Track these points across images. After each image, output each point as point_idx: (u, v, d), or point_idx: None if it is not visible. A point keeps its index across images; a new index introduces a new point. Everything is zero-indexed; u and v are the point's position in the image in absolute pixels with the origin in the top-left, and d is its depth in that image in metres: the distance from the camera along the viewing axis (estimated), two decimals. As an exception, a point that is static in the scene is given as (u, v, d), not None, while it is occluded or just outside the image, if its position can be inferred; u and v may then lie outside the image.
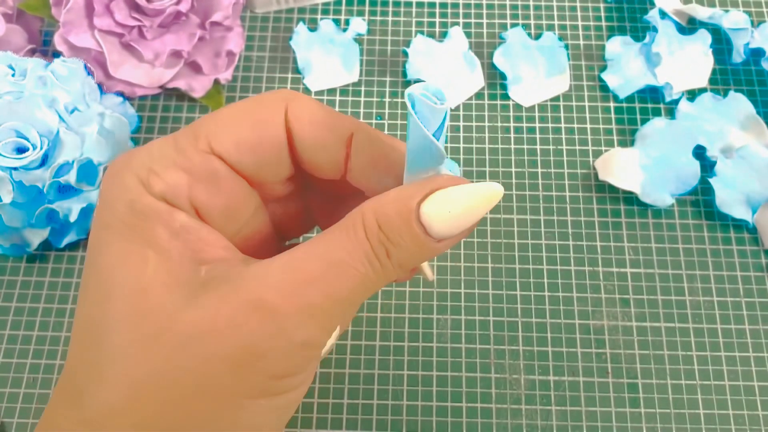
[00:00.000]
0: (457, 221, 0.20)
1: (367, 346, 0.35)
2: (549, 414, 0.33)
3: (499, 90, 0.41)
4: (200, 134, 0.21)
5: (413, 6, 0.44)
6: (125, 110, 0.38)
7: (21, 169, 0.32)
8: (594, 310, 0.36)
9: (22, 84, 0.33)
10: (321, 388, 0.34)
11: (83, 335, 0.20)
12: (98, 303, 0.20)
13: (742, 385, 0.34)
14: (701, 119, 0.39)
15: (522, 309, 0.36)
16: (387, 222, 0.19)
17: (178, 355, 0.19)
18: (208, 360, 0.19)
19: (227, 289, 0.19)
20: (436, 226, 0.19)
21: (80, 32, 0.37)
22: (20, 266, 0.37)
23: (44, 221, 0.34)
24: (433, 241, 0.20)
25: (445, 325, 0.35)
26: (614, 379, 0.34)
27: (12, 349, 0.35)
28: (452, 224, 0.20)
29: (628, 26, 0.43)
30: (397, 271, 0.20)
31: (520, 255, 0.37)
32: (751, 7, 0.43)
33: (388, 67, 0.42)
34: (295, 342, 0.19)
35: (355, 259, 0.19)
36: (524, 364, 0.34)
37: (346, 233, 0.20)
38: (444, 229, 0.19)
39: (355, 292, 0.20)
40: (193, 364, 0.19)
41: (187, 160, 0.21)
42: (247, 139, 0.21)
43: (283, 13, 0.43)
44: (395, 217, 0.19)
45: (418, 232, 0.19)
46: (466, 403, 0.34)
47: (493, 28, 0.43)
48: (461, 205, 0.19)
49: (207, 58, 0.39)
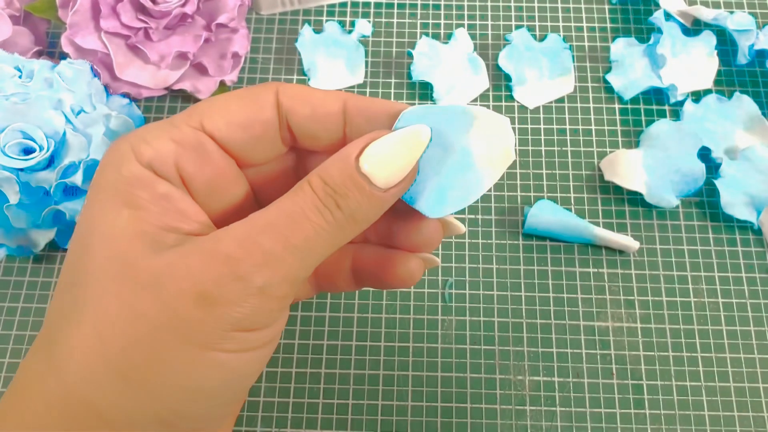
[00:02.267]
0: (393, 165, 0.21)
1: (372, 346, 0.35)
2: (554, 415, 0.33)
3: (504, 91, 0.41)
4: (193, 113, 0.23)
5: (418, 8, 0.44)
6: (131, 112, 0.38)
7: (27, 170, 0.32)
8: (599, 311, 0.36)
9: (28, 86, 0.33)
10: (326, 388, 0.34)
11: (62, 283, 0.21)
12: (76, 251, 0.21)
13: (747, 386, 0.34)
14: (706, 120, 0.39)
15: (526, 310, 0.36)
16: (330, 178, 0.21)
17: (140, 297, 0.19)
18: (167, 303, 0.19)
19: (189, 245, 0.20)
20: (376, 174, 0.21)
21: (86, 34, 0.37)
22: (27, 267, 0.37)
23: (50, 222, 0.34)
24: (379, 190, 0.21)
25: (449, 326, 0.35)
26: (619, 381, 0.34)
27: (19, 350, 0.35)
28: (390, 169, 0.21)
29: (633, 28, 0.43)
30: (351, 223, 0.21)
31: (525, 256, 0.37)
32: (756, 8, 0.43)
33: (393, 68, 0.42)
34: (252, 286, 0.20)
35: (306, 211, 0.21)
36: (529, 366, 0.34)
37: (295, 193, 0.21)
38: (384, 174, 0.21)
39: (310, 240, 0.20)
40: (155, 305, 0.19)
41: (178, 131, 0.22)
42: (238, 117, 0.23)
43: (289, 15, 0.44)
44: (338, 173, 0.21)
45: (362, 182, 0.21)
46: (470, 404, 0.34)
47: (498, 29, 0.43)
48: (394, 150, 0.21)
49: (212, 59, 0.40)
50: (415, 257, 0.26)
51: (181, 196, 0.22)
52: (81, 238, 0.21)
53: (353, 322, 0.35)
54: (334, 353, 0.35)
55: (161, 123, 0.23)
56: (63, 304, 0.21)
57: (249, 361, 0.21)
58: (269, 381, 0.34)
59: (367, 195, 0.21)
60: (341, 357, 0.35)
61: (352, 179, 0.21)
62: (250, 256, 0.20)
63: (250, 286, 0.20)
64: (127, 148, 0.22)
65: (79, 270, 0.21)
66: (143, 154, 0.21)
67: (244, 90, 0.24)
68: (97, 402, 0.19)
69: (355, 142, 0.21)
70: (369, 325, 0.35)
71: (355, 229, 0.22)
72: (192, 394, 0.20)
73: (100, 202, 0.21)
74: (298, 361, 0.35)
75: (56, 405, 0.19)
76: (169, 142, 0.22)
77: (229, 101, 0.23)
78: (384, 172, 0.21)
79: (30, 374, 0.20)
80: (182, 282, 0.19)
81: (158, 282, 0.20)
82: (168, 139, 0.22)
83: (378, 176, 0.21)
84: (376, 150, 0.21)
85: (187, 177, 0.22)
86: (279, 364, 0.34)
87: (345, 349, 0.35)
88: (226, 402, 0.22)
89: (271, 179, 0.25)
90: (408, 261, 0.25)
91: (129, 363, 0.19)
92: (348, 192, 0.21)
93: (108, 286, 0.20)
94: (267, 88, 0.23)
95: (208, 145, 0.23)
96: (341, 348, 0.35)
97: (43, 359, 0.20)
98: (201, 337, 0.20)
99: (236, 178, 0.24)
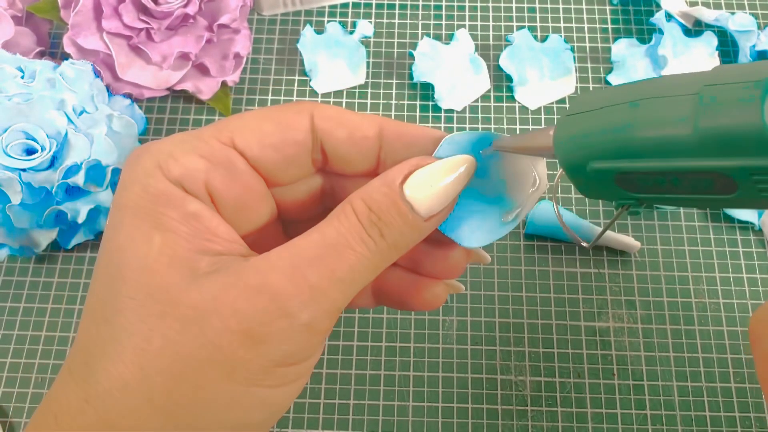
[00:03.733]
0: (437, 194, 0.21)
1: (373, 347, 0.35)
2: (555, 415, 0.33)
3: (505, 92, 0.41)
4: (224, 129, 0.22)
5: (419, 8, 0.44)
6: (133, 112, 0.38)
7: (30, 170, 0.33)
8: (600, 311, 0.36)
9: (30, 86, 0.34)
10: (327, 388, 0.34)
11: (94, 313, 0.20)
12: (107, 281, 0.20)
13: (748, 387, 0.34)
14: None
15: (528, 310, 0.36)
16: (375, 203, 0.20)
17: (184, 334, 0.19)
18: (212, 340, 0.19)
19: (229, 275, 0.20)
20: (419, 202, 0.21)
21: (89, 35, 0.37)
22: (29, 267, 0.37)
23: (52, 222, 0.34)
24: (421, 218, 0.21)
25: (450, 327, 0.35)
26: (620, 381, 0.34)
27: (20, 350, 0.35)
28: (434, 198, 0.21)
29: (634, 29, 0.43)
30: (393, 251, 0.21)
31: (526, 257, 0.37)
32: (758, 9, 0.43)
33: (394, 69, 0.42)
34: (299, 323, 0.19)
35: (351, 240, 0.20)
36: (530, 366, 0.34)
37: (339, 220, 0.21)
38: (427, 203, 0.21)
39: (354, 271, 0.20)
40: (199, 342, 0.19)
41: (207, 147, 0.22)
42: (272, 137, 0.22)
43: (290, 16, 0.44)
44: (382, 199, 0.20)
45: (405, 210, 0.20)
46: (471, 405, 0.34)
47: (499, 30, 0.43)
48: (439, 178, 0.21)
49: (214, 60, 0.40)
50: (440, 283, 0.26)
51: (211, 215, 0.21)
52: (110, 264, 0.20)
53: (354, 322, 0.35)
54: (336, 353, 0.35)
55: (187, 136, 0.22)
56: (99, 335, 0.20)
57: (287, 394, 0.21)
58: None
59: (409, 223, 0.21)
60: (343, 357, 0.35)
61: (396, 206, 0.20)
62: (300, 293, 0.19)
63: (297, 323, 0.19)
64: (152, 163, 0.21)
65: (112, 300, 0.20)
66: (171, 171, 0.21)
67: (278, 109, 0.23)
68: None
69: (400, 167, 0.21)
70: (370, 326, 0.35)
71: (395, 256, 0.21)
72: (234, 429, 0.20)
73: (127, 225, 0.20)
74: (300, 361, 0.35)
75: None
76: (199, 158, 0.21)
77: (262, 120, 0.22)
78: (427, 200, 0.21)
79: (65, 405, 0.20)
80: (228, 320, 0.19)
81: (202, 318, 0.19)
82: (198, 156, 0.21)
83: (420, 204, 0.21)
84: (421, 178, 0.21)
85: (216, 195, 0.22)
86: (280, 364, 0.35)
87: (346, 349, 0.35)
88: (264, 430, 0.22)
89: (298, 199, 0.25)
90: (434, 286, 0.25)
91: (172, 400, 0.19)
92: (392, 219, 0.20)
93: (149, 320, 0.19)
94: (302, 109, 0.23)
95: (238, 163, 0.22)
96: (343, 348, 0.35)
97: (79, 391, 0.19)
98: (245, 374, 0.19)
99: (264, 198, 0.23)
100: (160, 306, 0.19)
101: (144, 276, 0.20)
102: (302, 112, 0.23)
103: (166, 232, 0.20)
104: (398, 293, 0.26)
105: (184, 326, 0.19)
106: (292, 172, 0.23)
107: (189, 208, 0.21)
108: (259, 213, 0.23)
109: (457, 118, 0.40)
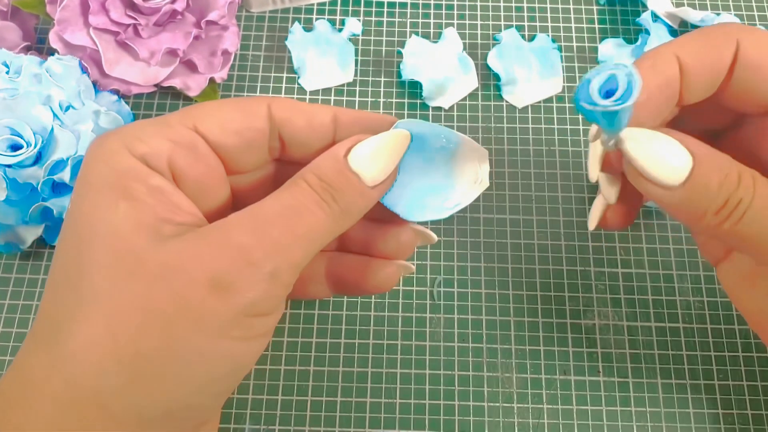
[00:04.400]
0: (378, 164, 0.23)
1: (360, 344, 0.35)
2: (541, 412, 0.34)
3: (492, 91, 0.41)
4: (187, 114, 0.23)
5: (408, 7, 0.44)
6: (120, 108, 0.38)
7: (15, 166, 0.32)
8: (585, 309, 0.36)
9: (16, 81, 0.33)
10: (314, 385, 0.34)
11: (59, 280, 0.21)
12: (72, 248, 0.21)
13: (731, 384, 0.34)
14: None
15: (514, 308, 0.36)
16: (324, 174, 0.22)
17: (152, 289, 0.20)
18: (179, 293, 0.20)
19: (194, 236, 0.21)
20: (363, 170, 0.23)
21: (75, 30, 0.37)
22: (14, 263, 0.37)
23: (38, 218, 0.34)
24: (367, 186, 0.23)
25: (438, 324, 0.35)
26: (605, 378, 0.34)
27: (5, 347, 0.35)
28: (375, 167, 0.23)
29: (621, 29, 0.43)
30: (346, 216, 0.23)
31: (513, 255, 0.37)
32: (743, 10, 0.44)
33: (383, 67, 0.42)
34: (263, 272, 0.21)
35: (307, 203, 0.22)
36: (516, 363, 0.35)
37: (292, 188, 0.22)
38: (370, 172, 0.23)
39: (312, 230, 0.22)
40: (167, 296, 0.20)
41: (172, 130, 0.23)
42: (232, 123, 0.24)
43: (279, 13, 0.44)
44: (330, 169, 0.23)
45: (352, 177, 0.23)
46: (458, 401, 0.34)
47: (487, 29, 0.43)
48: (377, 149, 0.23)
49: (202, 56, 0.40)
50: (391, 263, 0.27)
51: (173, 190, 0.22)
52: (75, 234, 0.21)
53: (342, 319, 0.35)
54: (323, 351, 0.35)
55: (154, 121, 0.23)
56: (64, 301, 0.20)
57: (252, 349, 0.22)
58: (258, 378, 0.34)
59: (357, 189, 0.23)
60: (330, 354, 0.35)
61: (344, 175, 0.22)
62: (262, 244, 0.21)
63: (262, 271, 0.21)
64: (117, 144, 0.22)
65: (78, 266, 0.20)
66: (137, 149, 0.22)
67: (237, 99, 0.25)
68: (107, 400, 0.19)
69: (342, 143, 0.23)
70: (358, 323, 0.35)
71: (348, 221, 0.23)
72: (201, 385, 0.21)
73: (92, 197, 0.21)
74: (287, 359, 0.35)
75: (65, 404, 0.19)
76: (163, 139, 0.22)
77: (223, 107, 0.24)
78: (370, 169, 0.23)
79: (32, 373, 0.20)
80: (194, 271, 0.20)
81: (169, 273, 0.20)
82: (163, 137, 0.23)
83: (364, 173, 0.23)
84: (362, 149, 0.23)
85: (178, 174, 0.23)
86: (268, 361, 0.35)
87: (334, 347, 0.35)
88: (226, 391, 0.23)
89: (252, 186, 0.26)
90: (384, 267, 0.27)
91: (140, 355, 0.19)
92: (341, 186, 0.22)
93: (116, 281, 0.20)
94: (259, 100, 0.24)
95: (201, 146, 0.23)
96: (330, 345, 0.35)
97: (45, 358, 0.20)
98: (213, 324, 0.20)
99: (222, 182, 0.25)
100: (127, 266, 0.20)
101: (109, 239, 0.20)
102: (260, 102, 0.24)
103: (131, 200, 0.21)
104: (353, 277, 0.27)
105: (152, 283, 0.20)
106: (251, 158, 0.25)
107: (153, 181, 0.22)
108: (218, 195, 0.25)
109: (445, 116, 0.40)
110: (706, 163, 0.22)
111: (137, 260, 0.20)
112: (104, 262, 0.20)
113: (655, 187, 0.22)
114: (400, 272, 0.28)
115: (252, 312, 0.21)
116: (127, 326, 0.19)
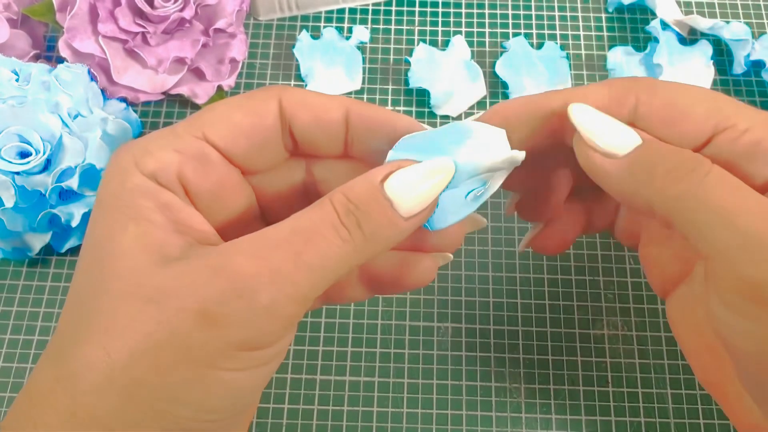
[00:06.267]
0: (416, 196, 0.21)
1: (367, 353, 0.35)
2: (549, 423, 0.33)
3: (501, 99, 0.41)
4: (195, 122, 0.23)
5: (416, 15, 0.44)
6: (128, 116, 0.38)
7: (23, 173, 0.32)
8: (594, 318, 0.36)
9: (25, 89, 0.33)
10: (321, 394, 0.34)
11: (72, 298, 0.21)
12: (85, 272, 0.21)
13: (742, 395, 0.34)
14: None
15: (522, 317, 0.36)
16: (354, 195, 0.21)
17: (144, 314, 0.19)
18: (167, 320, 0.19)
19: (195, 258, 0.20)
20: (399, 200, 0.21)
21: (84, 38, 0.37)
22: (22, 270, 0.37)
23: (46, 226, 0.34)
24: (401, 217, 0.21)
25: (445, 333, 0.35)
26: (614, 388, 0.34)
27: (13, 354, 0.35)
28: (412, 199, 0.21)
29: (630, 36, 0.43)
30: (370, 244, 0.21)
31: (521, 263, 0.37)
32: (752, 18, 0.44)
33: (390, 75, 0.42)
34: (258, 306, 0.19)
35: (321, 227, 0.20)
36: (524, 373, 0.34)
37: (314, 209, 0.21)
38: (406, 203, 0.21)
39: (324, 258, 0.20)
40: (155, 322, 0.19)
41: (181, 141, 0.22)
42: (241, 125, 0.23)
43: (287, 21, 0.44)
44: (362, 191, 0.21)
45: (384, 202, 0.21)
46: (466, 411, 0.34)
47: (495, 37, 0.43)
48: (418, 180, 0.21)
49: (210, 64, 0.40)
50: (427, 256, 0.25)
51: (182, 206, 0.22)
52: (89, 255, 0.21)
53: (349, 328, 0.35)
54: (330, 359, 0.35)
55: (164, 132, 0.23)
56: (73, 319, 0.20)
57: (253, 378, 0.21)
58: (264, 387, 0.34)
59: (389, 217, 0.21)
60: (336, 363, 0.35)
61: (376, 199, 0.21)
62: (259, 274, 0.19)
63: (255, 305, 0.19)
64: (129, 160, 0.22)
65: (87, 287, 0.21)
66: (146, 166, 0.21)
67: (246, 96, 0.23)
68: (103, 417, 0.19)
69: (381, 168, 0.22)
70: (365, 332, 0.35)
71: (371, 251, 0.21)
72: (196, 411, 0.20)
73: (105, 218, 0.21)
74: (294, 367, 0.34)
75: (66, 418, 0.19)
76: (172, 152, 0.22)
77: (231, 109, 0.23)
78: (407, 200, 0.21)
79: (40, 386, 0.20)
80: (185, 299, 0.19)
81: (162, 298, 0.19)
82: (171, 150, 0.22)
83: (400, 203, 0.21)
84: (401, 178, 0.21)
85: (189, 187, 0.22)
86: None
87: (340, 355, 0.35)
88: (234, 414, 0.22)
89: (279, 194, 0.25)
90: (422, 261, 0.25)
91: (133, 380, 0.19)
92: (371, 210, 0.21)
93: (115, 302, 0.20)
94: (269, 94, 0.23)
95: (211, 155, 0.22)
96: (337, 354, 0.35)
97: (52, 372, 0.20)
98: (202, 356, 0.19)
99: (240, 188, 0.24)
100: (127, 287, 0.20)
101: (116, 261, 0.20)
102: (270, 97, 0.23)
103: (140, 220, 0.20)
104: (390, 275, 0.25)
105: (144, 306, 0.19)
106: (265, 158, 0.24)
107: (162, 198, 0.21)
108: (236, 203, 0.24)
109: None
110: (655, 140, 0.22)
111: (137, 284, 0.20)
112: (108, 282, 0.20)
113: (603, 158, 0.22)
114: (438, 263, 0.26)
115: (244, 347, 0.20)
116: (122, 350, 0.19)
